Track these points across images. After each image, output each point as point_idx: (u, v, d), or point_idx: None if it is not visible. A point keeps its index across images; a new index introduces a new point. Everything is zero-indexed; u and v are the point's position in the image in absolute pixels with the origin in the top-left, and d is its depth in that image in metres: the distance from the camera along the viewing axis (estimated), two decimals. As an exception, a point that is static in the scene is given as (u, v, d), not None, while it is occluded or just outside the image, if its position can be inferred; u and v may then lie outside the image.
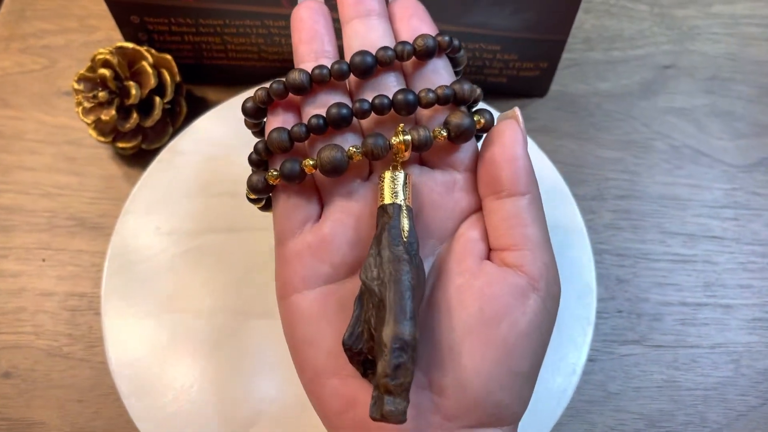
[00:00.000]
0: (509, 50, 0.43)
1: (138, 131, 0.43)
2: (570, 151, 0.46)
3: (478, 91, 0.25)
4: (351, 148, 0.23)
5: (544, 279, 0.23)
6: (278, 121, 0.25)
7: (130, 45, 0.42)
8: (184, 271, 0.39)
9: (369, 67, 0.24)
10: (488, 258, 0.24)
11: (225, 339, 0.37)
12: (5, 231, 0.43)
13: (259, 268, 0.39)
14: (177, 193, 0.41)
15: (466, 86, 0.24)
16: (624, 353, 0.40)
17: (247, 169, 0.41)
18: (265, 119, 0.26)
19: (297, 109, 0.25)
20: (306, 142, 0.24)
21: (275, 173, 0.24)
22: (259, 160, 0.25)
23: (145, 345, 0.37)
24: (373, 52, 0.24)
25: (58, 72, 0.48)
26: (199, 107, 0.45)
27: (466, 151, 0.25)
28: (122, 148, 0.43)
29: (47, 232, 0.43)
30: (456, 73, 0.26)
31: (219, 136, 0.42)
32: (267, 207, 0.27)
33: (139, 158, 0.44)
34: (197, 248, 0.40)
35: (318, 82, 0.24)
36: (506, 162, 0.24)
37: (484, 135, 0.25)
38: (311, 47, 0.25)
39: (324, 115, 0.23)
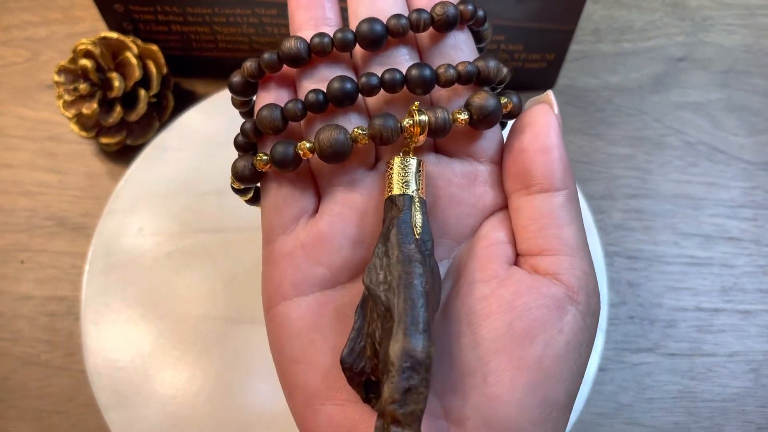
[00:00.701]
0: (515, 40, 0.41)
1: (122, 126, 0.41)
2: (578, 148, 0.43)
3: (505, 70, 0.22)
4: (356, 130, 0.20)
5: (584, 290, 0.20)
6: (270, 97, 0.21)
7: (114, 35, 0.40)
8: (169, 274, 0.37)
9: (378, 36, 0.20)
10: (516, 263, 0.21)
11: (211, 346, 0.35)
12: (-18, 231, 0.41)
13: (247, 271, 0.37)
14: (162, 192, 0.39)
15: (492, 63, 0.21)
16: (636, 362, 0.38)
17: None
18: (255, 97, 0.22)
19: (292, 85, 0.22)
20: (302, 122, 0.21)
21: (265, 158, 0.20)
22: (247, 144, 0.21)
23: (126, 352, 0.35)
24: (384, 20, 0.20)
25: (41, 65, 0.46)
26: (187, 101, 0.43)
27: (490, 139, 0.21)
28: (106, 144, 0.41)
29: (26, 232, 0.41)
30: (479, 50, 0.23)
31: (207, 131, 0.40)
32: (255, 200, 0.24)
33: (123, 154, 0.42)
34: (183, 250, 0.37)
35: (318, 52, 0.20)
36: (539, 152, 0.20)
37: (510, 122, 0.22)
38: (310, 13, 0.21)
39: (324, 90, 0.20)
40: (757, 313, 0.39)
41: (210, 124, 0.40)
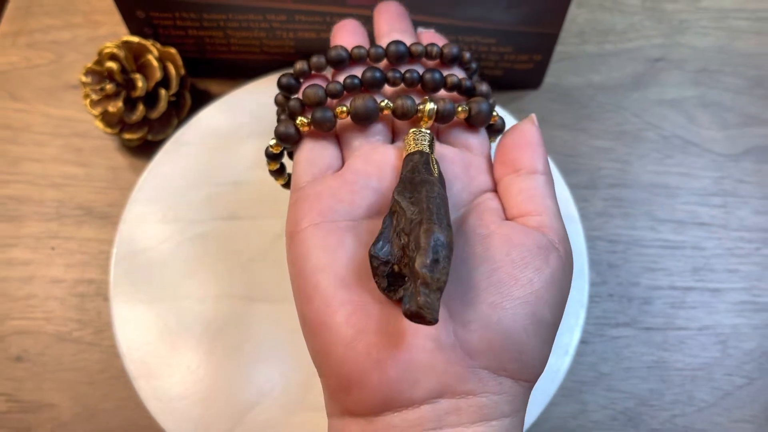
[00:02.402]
0: (504, 43, 0.44)
1: (144, 123, 0.44)
2: (563, 142, 0.47)
3: (492, 99, 0.28)
4: (382, 102, 0.25)
5: (563, 243, 0.24)
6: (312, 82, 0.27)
7: (135, 39, 0.44)
8: (189, 258, 0.40)
9: (402, 54, 0.27)
10: None
11: (229, 323, 0.39)
12: (15, 221, 0.44)
13: (261, 255, 0.40)
14: (181, 183, 0.42)
15: (484, 87, 0.28)
16: (615, 335, 0.41)
17: (250, 158, 0.43)
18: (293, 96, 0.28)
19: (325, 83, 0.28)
20: (335, 101, 0.26)
21: (306, 120, 0.26)
22: (288, 117, 0.27)
23: (152, 329, 0.38)
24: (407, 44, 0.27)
25: (65, 66, 0.49)
26: (202, 99, 0.47)
27: (482, 137, 0.28)
28: (128, 140, 0.44)
29: (56, 221, 0.44)
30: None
31: (222, 128, 0.44)
32: (279, 173, 0.29)
33: (144, 149, 0.45)
34: (201, 236, 0.41)
35: (356, 59, 0.27)
36: (527, 144, 0.26)
37: (498, 137, 0.28)
38: (349, 40, 0.28)
39: (359, 76, 0.26)
40: (725, 291, 0.43)
41: (224, 121, 0.44)
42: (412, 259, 0.20)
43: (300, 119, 0.26)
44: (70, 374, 0.40)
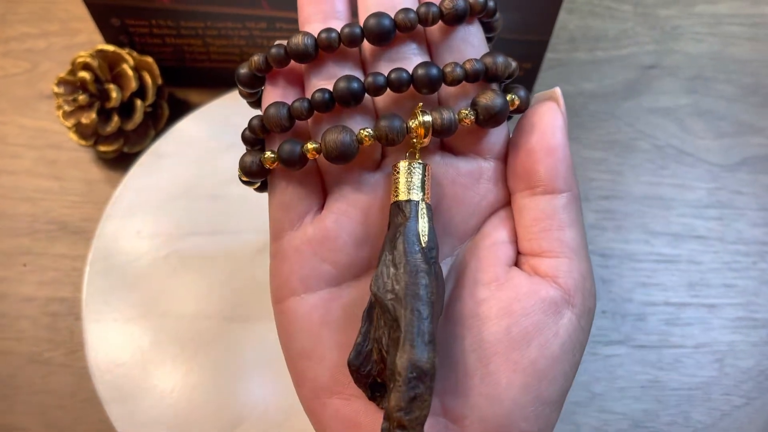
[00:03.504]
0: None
1: (119, 134, 0.42)
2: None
3: (513, 64, 0.21)
4: (362, 131, 0.20)
5: (581, 292, 0.20)
6: (277, 93, 0.21)
7: (110, 48, 0.42)
8: (166, 275, 0.39)
9: (386, 31, 0.20)
10: (517, 263, 0.21)
11: (207, 343, 0.37)
12: (-14, 236, 0.43)
13: (241, 272, 0.39)
14: (159, 196, 0.41)
15: (500, 59, 0.20)
16: (608, 354, 0.40)
17: (230, 171, 0.41)
18: (262, 88, 0.22)
19: (300, 80, 0.21)
20: (309, 120, 0.21)
21: (272, 156, 0.21)
22: (254, 139, 0.22)
23: (126, 350, 0.37)
24: (392, 14, 0.20)
25: (40, 75, 0.48)
26: (181, 109, 0.45)
27: (496, 135, 0.21)
28: (104, 152, 0.43)
29: (28, 236, 0.43)
30: (488, 40, 0.22)
31: (201, 139, 0.42)
32: (263, 188, 0.24)
33: (120, 161, 0.44)
34: (179, 252, 0.39)
35: (325, 48, 0.20)
36: (545, 153, 0.20)
37: (517, 116, 0.22)
38: (319, 7, 0.21)
39: (330, 89, 0.20)
40: (721, 306, 0.41)
41: (203, 132, 0.42)
42: (388, 393, 0.18)
43: (266, 155, 0.21)
44: (41, 397, 0.39)
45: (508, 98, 0.21)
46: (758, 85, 0.48)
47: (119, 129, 0.42)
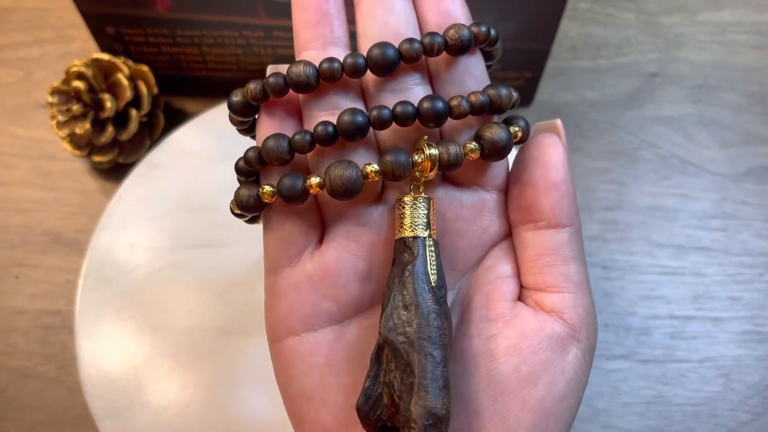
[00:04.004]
0: (493, 60, 0.42)
1: (114, 144, 0.42)
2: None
3: (515, 95, 0.21)
4: (367, 167, 0.19)
5: (585, 327, 0.20)
6: (274, 124, 0.20)
7: (105, 56, 0.41)
8: (161, 288, 0.38)
9: (391, 62, 0.19)
10: (520, 296, 0.21)
11: (202, 357, 0.36)
12: (-22, 247, 0.42)
13: (237, 285, 0.38)
14: (154, 208, 0.40)
15: (503, 91, 0.20)
16: (611, 368, 0.39)
17: (226, 182, 0.40)
18: (255, 116, 0.21)
19: (297, 110, 0.21)
20: (309, 154, 0.20)
21: (271, 190, 0.20)
22: (249, 171, 0.21)
23: (120, 364, 0.36)
24: (396, 44, 0.19)
25: (34, 84, 0.47)
26: (177, 119, 0.44)
27: (498, 168, 0.21)
28: (98, 162, 0.42)
29: (21, 248, 0.42)
30: (486, 68, 0.22)
31: (197, 149, 0.41)
32: (254, 220, 0.23)
33: (115, 172, 0.43)
34: (174, 264, 0.39)
35: (327, 78, 0.19)
36: (549, 187, 0.20)
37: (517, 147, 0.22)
38: (318, 31, 0.20)
39: (333, 122, 0.19)
40: (726, 320, 0.41)
41: (200, 142, 0.42)
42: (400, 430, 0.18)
43: (265, 189, 0.20)
44: (32, 413, 0.38)
45: (511, 130, 0.20)
46: (764, 94, 0.48)
47: (114, 139, 0.41)
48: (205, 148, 0.41)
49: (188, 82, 0.45)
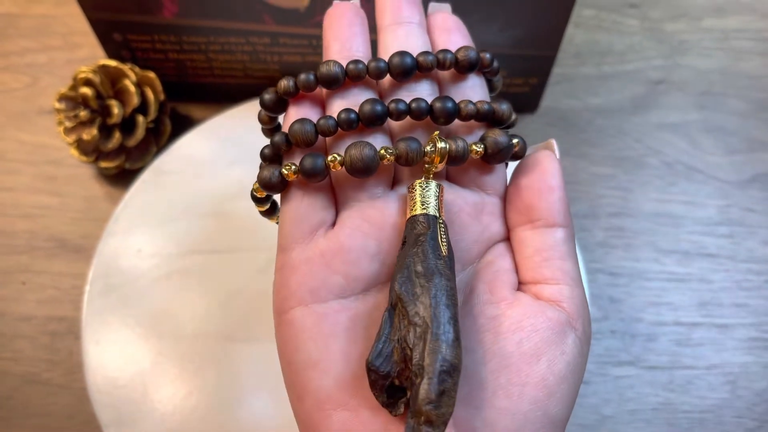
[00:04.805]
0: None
1: (121, 150, 0.42)
2: (562, 168, 0.45)
3: (514, 116, 0.24)
4: (383, 149, 0.21)
5: (581, 318, 0.21)
6: (300, 112, 0.23)
7: (112, 63, 0.42)
8: (167, 294, 0.38)
9: (408, 68, 0.22)
10: (519, 291, 0.22)
11: (208, 364, 0.36)
12: (-16, 253, 0.42)
13: (243, 291, 0.38)
14: (160, 214, 0.40)
15: (505, 106, 0.23)
16: (618, 375, 0.39)
17: (232, 188, 0.40)
18: (281, 115, 0.24)
19: (322, 105, 0.23)
20: (329, 138, 0.22)
21: (295, 167, 0.21)
22: (274, 156, 0.23)
23: (126, 371, 0.36)
24: (413, 55, 0.22)
25: (40, 90, 0.47)
26: (183, 125, 0.45)
27: (497, 174, 0.23)
28: (105, 168, 0.42)
29: (27, 254, 0.42)
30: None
31: (203, 155, 0.41)
32: (270, 213, 0.25)
33: (122, 178, 0.43)
34: (180, 270, 0.39)
35: (353, 77, 0.22)
36: (545, 190, 0.22)
37: (513, 163, 0.24)
38: (344, 45, 0.23)
39: (355, 110, 0.22)
40: (733, 326, 0.40)
41: (206, 148, 0.42)
42: (416, 388, 0.18)
43: (287, 166, 0.22)
44: (38, 419, 0.38)
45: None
46: (768, 100, 0.48)
47: (121, 145, 0.41)
48: (212, 154, 0.42)
49: (195, 88, 0.45)
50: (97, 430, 0.36)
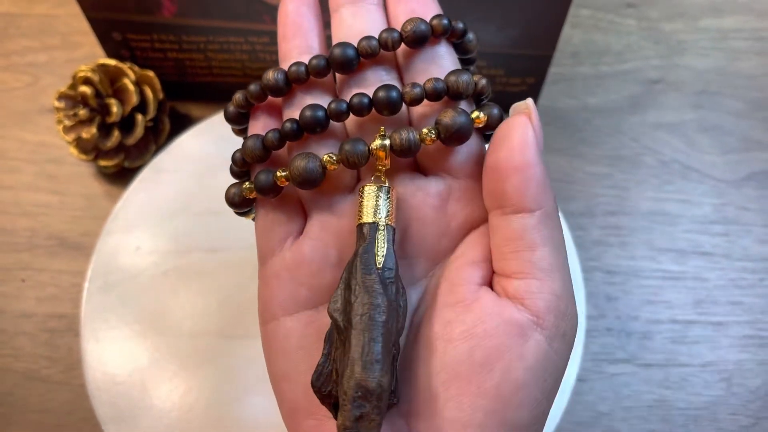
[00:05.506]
0: (495, 66, 0.43)
1: (120, 149, 0.42)
2: (559, 167, 0.45)
3: (483, 81, 0.21)
4: (326, 157, 0.20)
5: (552, 314, 0.19)
6: (259, 126, 0.22)
7: (112, 62, 0.42)
8: (166, 292, 0.38)
9: (349, 60, 0.20)
10: (492, 282, 0.21)
11: (206, 361, 0.37)
12: (-16, 251, 0.42)
13: (241, 289, 0.38)
14: (159, 212, 0.40)
15: (464, 77, 0.20)
16: (614, 372, 0.39)
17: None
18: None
19: (280, 112, 0.22)
20: (287, 148, 0.22)
21: (249, 186, 0.22)
22: (241, 171, 0.23)
23: (125, 368, 0.36)
24: (356, 43, 0.21)
25: (41, 89, 0.47)
26: (182, 124, 0.45)
27: (465, 154, 0.21)
28: (104, 167, 0.42)
29: (27, 251, 0.42)
30: (467, 62, 0.23)
31: (202, 154, 0.42)
32: (244, 213, 0.25)
33: (121, 176, 0.44)
34: (179, 268, 0.39)
35: (295, 80, 0.21)
36: (512, 170, 0.19)
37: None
38: (294, 43, 0.22)
39: (297, 118, 0.21)
40: (728, 324, 0.41)
41: (205, 147, 0.42)
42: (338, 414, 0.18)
43: (245, 186, 0.22)
44: (38, 415, 0.38)
45: (473, 115, 0.21)
46: (765, 100, 0.48)
47: (120, 144, 0.41)
48: (210, 153, 0.42)
49: (194, 87, 0.46)
50: (96, 427, 0.37)
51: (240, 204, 0.22)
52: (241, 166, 0.22)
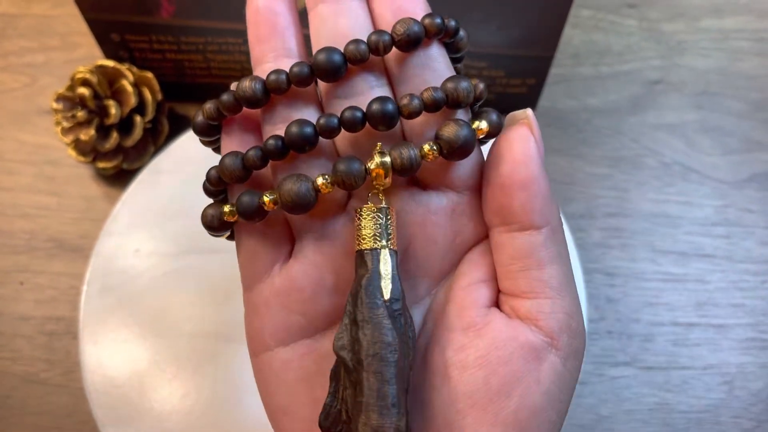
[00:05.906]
0: (496, 67, 0.42)
1: (119, 151, 0.42)
2: (559, 168, 0.45)
3: (481, 86, 0.20)
4: (319, 179, 0.18)
5: (565, 333, 0.19)
6: (233, 142, 0.20)
7: (110, 63, 0.42)
8: (165, 294, 0.38)
9: (336, 67, 0.18)
10: (498, 302, 0.20)
11: (206, 364, 0.37)
12: (-18, 253, 0.42)
13: (240, 291, 0.38)
14: (158, 214, 0.40)
15: (463, 84, 0.19)
16: (615, 375, 0.39)
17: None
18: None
19: (257, 126, 0.20)
20: (270, 166, 0.20)
21: (231, 209, 0.19)
22: (216, 190, 0.20)
23: (123, 370, 0.36)
24: (342, 48, 0.19)
25: (39, 90, 0.47)
26: (181, 125, 0.45)
27: (465, 167, 0.20)
28: (103, 168, 0.42)
29: (25, 254, 0.42)
30: (456, 60, 0.21)
31: (201, 155, 0.41)
32: (232, 237, 0.22)
33: (119, 178, 0.43)
34: (178, 270, 0.39)
35: (275, 90, 0.19)
36: (518, 187, 0.19)
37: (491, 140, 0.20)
38: (269, 45, 0.20)
39: (283, 134, 0.19)
40: (730, 327, 0.40)
41: (203, 149, 0.42)
42: None
43: (225, 209, 0.19)
44: (36, 418, 0.38)
45: (474, 126, 0.19)
46: (766, 100, 0.48)
47: (118, 145, 0.41)
48: (209, 154, 0.41)
49: (192, 88, 0.46)
50: (94, 430, 0.36)
51: (218, 228, 0.20)
52: (216, 185, 0.20)
